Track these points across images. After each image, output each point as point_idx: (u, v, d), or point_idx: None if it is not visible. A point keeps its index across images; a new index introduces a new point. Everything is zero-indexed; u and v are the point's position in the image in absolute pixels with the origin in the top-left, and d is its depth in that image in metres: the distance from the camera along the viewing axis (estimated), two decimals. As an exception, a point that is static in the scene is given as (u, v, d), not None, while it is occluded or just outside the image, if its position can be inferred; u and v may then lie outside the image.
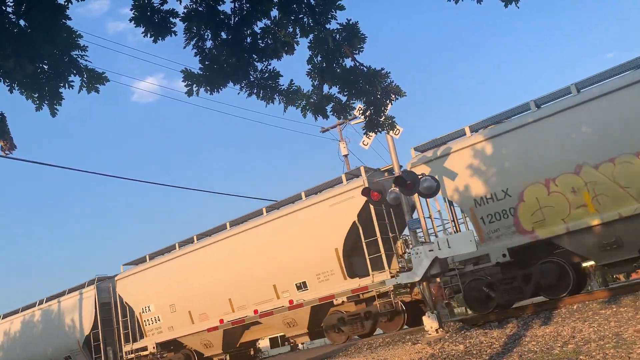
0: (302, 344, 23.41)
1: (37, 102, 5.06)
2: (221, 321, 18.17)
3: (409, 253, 15.22)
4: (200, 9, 4.89)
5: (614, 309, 10.55)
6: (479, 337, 10.74)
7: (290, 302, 16.41)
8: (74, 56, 5.00)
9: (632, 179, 11.76)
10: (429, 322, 12.00)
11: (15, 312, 26.20)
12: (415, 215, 13.75)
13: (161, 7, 4.82)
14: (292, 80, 5.40)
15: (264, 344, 25.21)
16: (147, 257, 21.41)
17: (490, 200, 13.41)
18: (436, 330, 11.89)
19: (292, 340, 19.44)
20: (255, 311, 17.18)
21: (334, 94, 5.66)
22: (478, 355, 9.53)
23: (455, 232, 14.12)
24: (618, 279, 32.03)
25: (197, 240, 19.93)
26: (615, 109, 12.13)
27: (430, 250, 11.89)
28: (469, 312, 22.59)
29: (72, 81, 5.07)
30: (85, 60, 5.03)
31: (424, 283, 12.34)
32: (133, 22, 4.74)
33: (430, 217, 14.54)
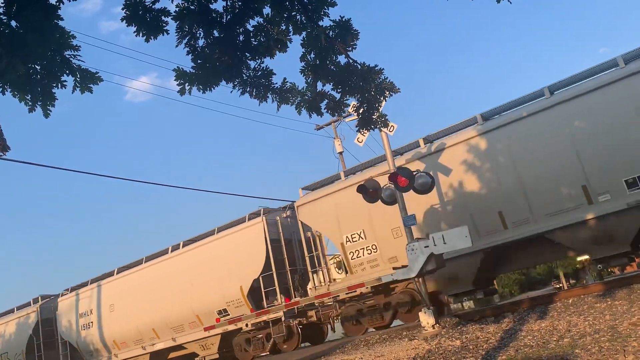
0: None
1: (30, 103, 5.04)
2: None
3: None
4: (192, 7, 4.87)
5: (609, 303, 10.62)
6: (475, 333, 10.78)
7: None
8: (67, 56, 4.98)
9: None
10: (426, 318, 12.04)
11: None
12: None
13: (153, 6, 4.80)
14: (285, 78, 5.41)
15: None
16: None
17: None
18: (433, 326, 11.92)
19: None
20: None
21: (328, 91, 5.67)
22: (475, 351, 9.57)
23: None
24: (613, 273, 32.21)
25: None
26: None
27: (425, 247, 11.92)
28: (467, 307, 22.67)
29: (65, 81, 5.05)
30: (79, 60, 5.02)
31: (420, 279, 12.38)
32: (125, 21, 4.73)
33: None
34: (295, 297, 17.26)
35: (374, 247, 15.53)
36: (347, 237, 15.99)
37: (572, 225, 12.68)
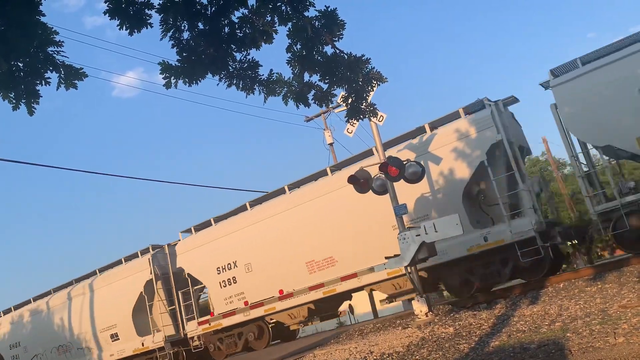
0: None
1: (14, 101, 4.98)
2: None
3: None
4: (176, -1, 4.83)
5: (599, 286, 10.72)
6: (468, 319, 10.85)
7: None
8: (50, 52, 4.92)
9: None
10: (419, 306, 12.10)
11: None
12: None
13: (136, -1, 4.76)
14: (271, 70, 5.38)
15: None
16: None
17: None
18: (426, 314, 11.99)
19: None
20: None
21: (315, 82, 5.64)
22: (468, 337, 9.63)
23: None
24: (603, 256, 32.54)
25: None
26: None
27: (417, 235, 11.96)
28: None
29: (49, 78, 5.00)
30: (62, 56, 4.96)
31: (412, 267, 12.42)
32: (108, 14, 4.67)
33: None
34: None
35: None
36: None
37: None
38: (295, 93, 5.47)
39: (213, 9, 4.97)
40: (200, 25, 5.00)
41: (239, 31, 5.11)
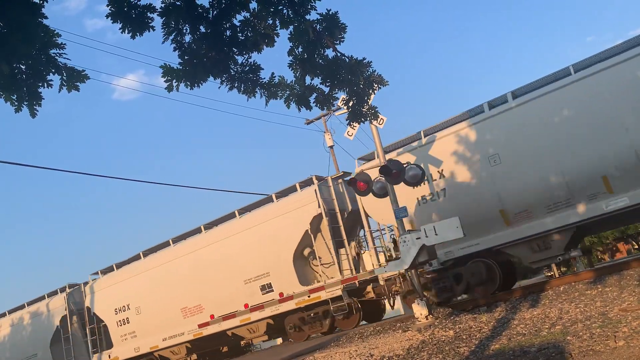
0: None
1: (16, 103, 4.98)
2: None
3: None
4: (178, 3, 4.83)
5: (600, 289, 10.72)
6: (468, 322, 10.85)
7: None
8: (52, 55, 4.93)
9: None
10: (419, 309, 12.10)
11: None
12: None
13: (138, 2, 4.77)
14: (273, 73, 5.39)
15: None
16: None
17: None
18: (426, 317, 11.99)
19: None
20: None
21: (317, 85, 5.65)
22: (468, 340, 9.63)
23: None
24: (603, 260, 32.56)
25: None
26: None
27: (417, 238, 11.95)
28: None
29: (51, 80, 5.00)
30: (64, 59, 4.97)
31: (412, 271, 12.42)
32: (110, 18, 4.68)
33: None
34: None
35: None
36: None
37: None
38: (297, 96, 5.48)
39: (215, 12, 4.98)
40: (202, 29, 5.01)
41: (240, 34, 5.12)
